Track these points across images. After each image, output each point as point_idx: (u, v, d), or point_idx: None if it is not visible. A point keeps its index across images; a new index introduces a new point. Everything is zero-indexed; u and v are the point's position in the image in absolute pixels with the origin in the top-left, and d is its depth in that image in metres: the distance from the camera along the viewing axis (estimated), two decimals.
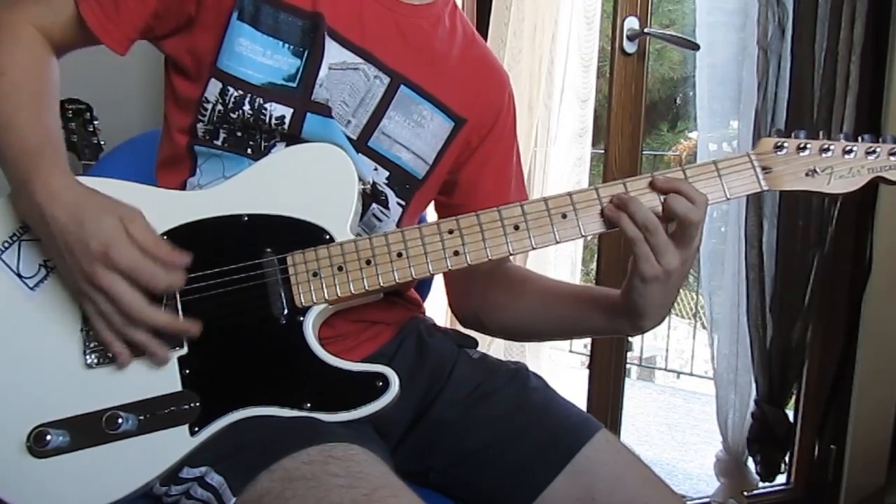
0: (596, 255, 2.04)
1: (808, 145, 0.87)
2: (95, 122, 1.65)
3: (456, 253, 0.86)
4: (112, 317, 0.81)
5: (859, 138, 0.87)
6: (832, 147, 0.87)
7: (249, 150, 0.92)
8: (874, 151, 0.86)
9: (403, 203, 1.00)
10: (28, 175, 0.81)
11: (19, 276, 0.86)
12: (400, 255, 0.86)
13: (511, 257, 1.11)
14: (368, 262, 0.86)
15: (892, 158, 0.86)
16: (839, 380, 2.03)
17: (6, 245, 0.87)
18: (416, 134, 0.98)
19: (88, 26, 0.89)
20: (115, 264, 0.78)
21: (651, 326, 0.91)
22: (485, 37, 2.03)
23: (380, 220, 0.99)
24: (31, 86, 0.87)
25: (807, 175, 0.87)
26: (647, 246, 0.83)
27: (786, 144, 0.87)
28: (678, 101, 6.73)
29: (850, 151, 0.86)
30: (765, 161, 0.87)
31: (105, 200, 0.82)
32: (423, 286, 1.23)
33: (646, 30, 1.80)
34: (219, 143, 0.93)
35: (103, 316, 0.81)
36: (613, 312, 0.93)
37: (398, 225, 1.00)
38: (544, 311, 1.02)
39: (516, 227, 0.87)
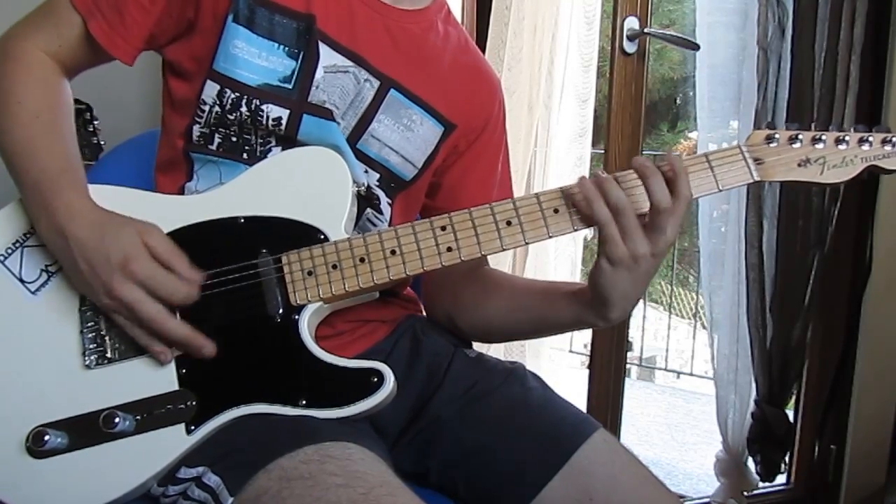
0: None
1: (800, 136, 0.87)
2: (95, 122, 1.66)
3: (449, 249, 0.87)
4: (132, 328, 0.82)
5: (851, 128, 0.87)
6: (824, 137, 0.87)
7: (245, 155, 0.93)
8: (867, 140, 0.86)
9: (391, 202, 1.01)
10: (49, 198, 0.83)
11: (21, 280, 0.88)
12: (394, 252, 0.87)
13: (504, 258, 1.11)
14: (362, 260, 0.86)
15: (885, 147, 0.86)
16: (839, 380, 2.03)
17: (9, 251, 0.89)
18: (406, 138, 0.98)
19: (98, 41, 0.90)
20: (134, 275, 0.80)
21: (616, 317, 0.90)
22: (485, 37, 2.04)
23: (374, 224, 1.00)
24: (48, 113, 0.89)
25: (799, 165, 0.87)
26: (615, 228, 0.83)
27: (777, 136, 0.87)
28: (678, 101, 6.73)
29: (842, 141, 0.86)
30: (756, 152, 0.88)
31: (123, 217, 0.84)
32: (421, 286, 1.23)
33: (646, 30, 1.80)
34: (214, 147, 0.94)
35: (128, 325, 0.83)
36: (579, 302, 0.93)
37: (389, 226, 1.00)
38: (511, 306, 1.02)
39: (508, 223, 0.87)
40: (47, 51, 0.91)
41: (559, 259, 2.59)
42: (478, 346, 1.11)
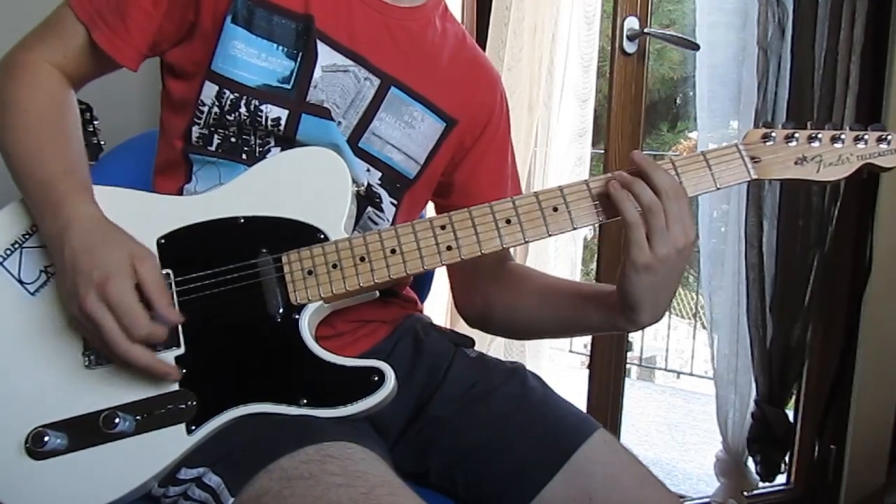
0: (596, 256, 2.04)
1: (797, 134, 0.88)
2: (95, 122, 1.65)
3: (449, 248, 0.87)
4: (98, 345, 0.82)
5: (847, 126, 0.88)
6: (820, 136, 0.87)
7: (244, 156, 0.93)
8: (863, 139, 0.87)
9: (396, 202, 1.01)
10: (57, 199, 0.83)
11: (20, 282, 0.88)
12: (394, 251, 0.87)
13: (514, 257, 1.12)
14: (362, 259, 0.86)
15: (881, 145, 0.87)
16: (839, 380, 2.03)
17: (8, 252, 0.88)
18: (408, 135, 0.98)
19: (101, 47, 0.90)
20: (107, 297, 0.78)
21: (647, 321, 0.90)
22: (485, 37, 2.04)
23: (375, 222, 1.00)
24: (54, 120, 0.89)
25: (796, 163, 0.88)
26: (642, 231, 0.84)
27: (773, 134, 0.88)
28: (678, 101, 6.73)
29: (838, 139, 0.87)
30: (753, 151, 0.88)
31: (123, 237, 0.83)
32: (423, 286, 1.23)
33: (646, 30, 1.80)
34: (213, 148, 0.94)
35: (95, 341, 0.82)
36: (610, 307, 0.93)
37: (392, 224, 1.00)
38: (544, 310, 1.02)
39: (508, 221, 0.87)
40: (53, 62, 0.92)
41: (559, 259, 2.59)
42: (478, 346, 1.12)
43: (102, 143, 1.65)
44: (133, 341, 0.79)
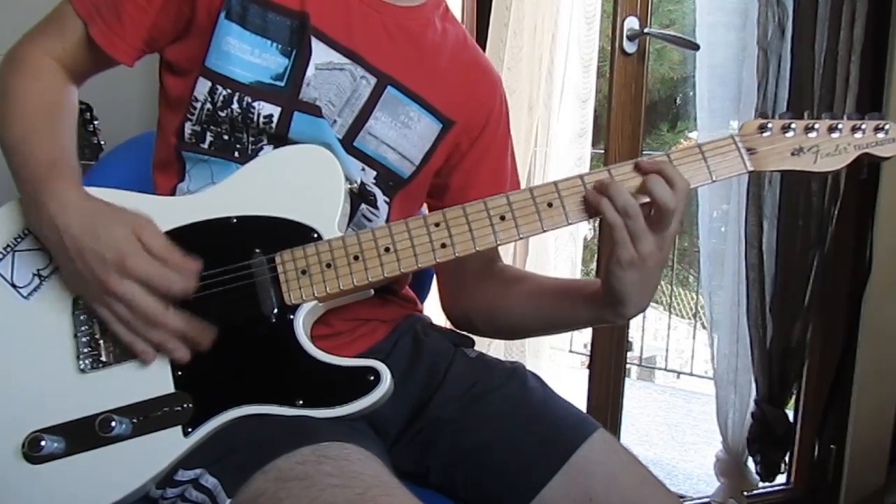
0: (596, 256, 2.04)
1: (793, 125, 0.87)
2: (95, 122, 1.66)
3: (443, 245, 0.86)
4: (131, 322, 0.82)
5: (844, 116, 0.86)
6: (817, 126, 0.86)
7: (236, 154, 0.93)
8: (860, 128, 0.86)
9: (389, 201, 1.01)
10: (42, 187, 0.83)
11: (13, 285, 0.87)
12: (388, 249, 0.86)
13: (502, 257, 1.11)
14: (356, 258, 0.86)
15: (878, 135, 0.86)
16: (839, 380, 2.02)
17: (0, 256, 0.88)
18: (403, 135, 0.98)
19: (97, 42, 0.91)
20: (131, 272, 0.80)
21: (633, 313, 0.91)
22: (485, 37, 2.04)
23: (369, 220, 0.99)
24: (48, 110, 0.90)
25: (793, 154, 0.87)
26: (625, 232, 0.84)
27: (770, 125, 0.87)
28: (678, 101, 6.72)
29: (835, 129, 0.86)
30: (749, 142, 0.87)
31: (116, 210, 0.84)
32: (422, 286, 1.23)
33: (646, 30, 1.80)
34: (205, 146, 0.94)
35: (122, 321, 0.82)
36: (596, 302, 0.94)
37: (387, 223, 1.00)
38: (532, 309, 1.02)
39: (502, 218, 0.87)
40: (53, 56, 0.93)
41: (559, 259, 2.59)
42: (478, 347, 1.11)
43: (102, 143, 1.66)
44: (166, 308, 0.81)
